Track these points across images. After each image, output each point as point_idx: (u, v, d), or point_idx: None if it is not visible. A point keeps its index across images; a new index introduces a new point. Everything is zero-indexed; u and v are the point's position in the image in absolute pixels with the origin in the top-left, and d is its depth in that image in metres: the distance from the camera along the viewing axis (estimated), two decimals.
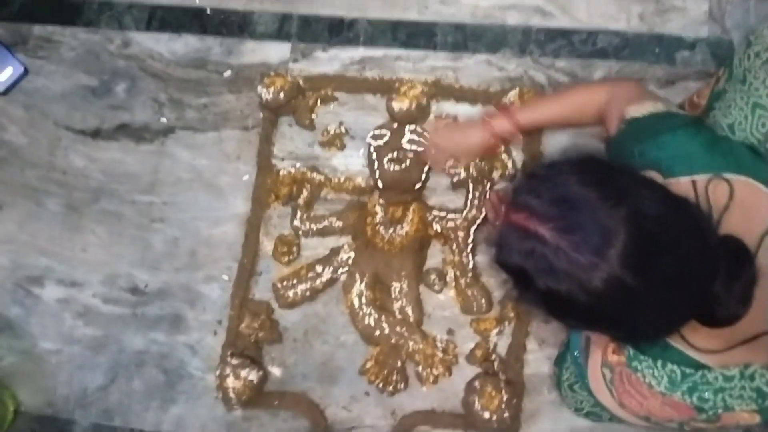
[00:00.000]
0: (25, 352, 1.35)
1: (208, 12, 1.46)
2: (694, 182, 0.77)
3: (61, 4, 1.49)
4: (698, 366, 0.74)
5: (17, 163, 1.43)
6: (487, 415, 1.16)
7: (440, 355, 1.23)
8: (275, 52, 1.42)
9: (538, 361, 1.23)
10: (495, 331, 1.24)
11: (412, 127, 1.30)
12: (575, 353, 0.95)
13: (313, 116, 1.37)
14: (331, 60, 1.40)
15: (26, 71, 1.47)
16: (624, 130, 0.91)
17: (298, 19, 1.43)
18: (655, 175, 0.74)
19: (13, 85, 1.46)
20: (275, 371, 1.28)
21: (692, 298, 0.67)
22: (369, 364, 1.25)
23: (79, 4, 1.49)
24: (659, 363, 0.76)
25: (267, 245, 1.33)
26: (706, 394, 0.74)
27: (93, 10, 1.48)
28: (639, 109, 0.90)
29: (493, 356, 1.23)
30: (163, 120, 1.41)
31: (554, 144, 1.28)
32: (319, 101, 1.37)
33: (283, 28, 1.43)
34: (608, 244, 0.61)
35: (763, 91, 0.89)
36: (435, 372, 1.24)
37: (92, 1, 1.49)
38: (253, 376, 1.23)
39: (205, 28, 1.45)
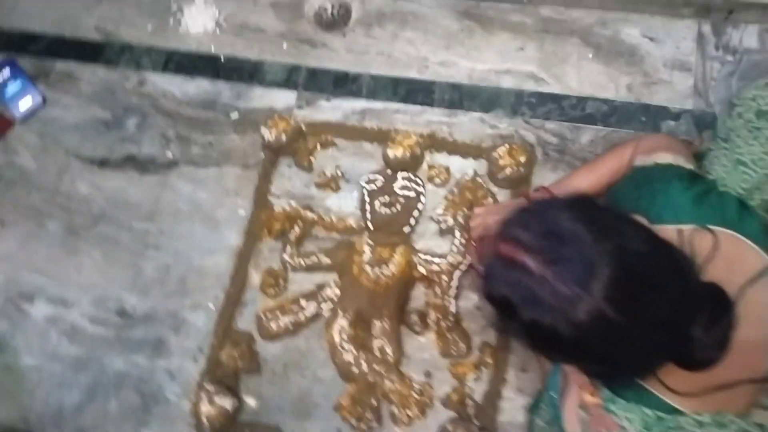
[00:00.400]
0: (6, 367, 1.36)
1: (222, 59, 1.56)
2: (679, 231, 0.80)
3: (85, 45, 1.61)
4: (672, 410, 0.75)
5: (24, 186, 1.50)
6: None
7: (416, 396, 1.24)
8: (282, 98, 1.51)
9: (513, 409, 1.23)
10: (472, 376, 1.24)
11: (405, 174, 1.37)
12: (552, 393, 0.95)
13: (312, 159, 1.44)
14: (333, 109, 1.48)
15: (44, 101, 1.56)
16: (628, 176, 0.96)
17: (305, 71, 1.53)
18: (642, 220, 0.76)
19: (31, 113, 1.56)
20: (251, 402, 1.28)
21: (671, 338, 0.69)
22: (344, 401, 1.25)
23: (102, 45, 1.60)
24: (633, 406, 0.77)
25: (255, 277, 1.36)
26: None
27: (114, 51, 1.59)
28: (646, 159, 0.96)
29: (469, 401, 1.23)
30: (169, 154, 1.49)
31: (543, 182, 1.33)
32: (318, 145, 1.44)
33: (291, 77, 1.52)
34: (592, 276, 0.63)
35: (744, 149, 0.94)
36: (410, 413, 1.23)
37: (114, 43, 1.60)
38: (228, 404, 1.23)
39: (217, 73, 1.55)
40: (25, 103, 1.55)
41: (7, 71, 1.57)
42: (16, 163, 1.52)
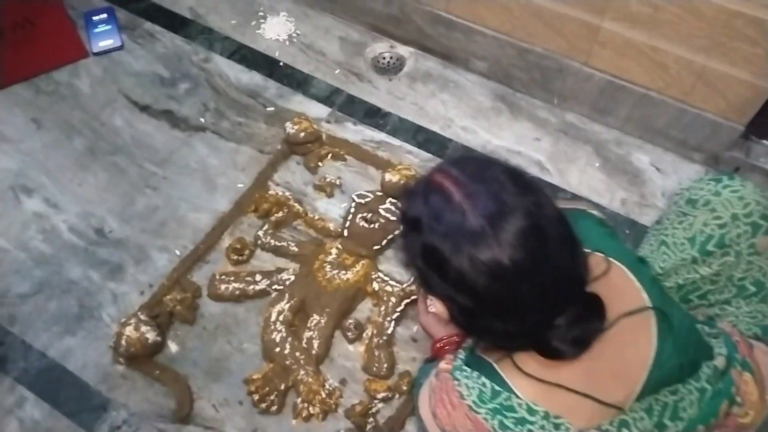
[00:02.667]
0: None
1: (281, 64, 1.74)
2: None
3: (175, 16, 1.83)
4: (510, 390, 0.77)
5: (71, 104, 1.66)
6: None
7: (323, 395, 1.24)
8: (316, 110, 1.65)
9: None
10: (383, 395, 1.24)
11: (395, 201, 1.45)
12: (421, 375, 0.96)
13: (320, 164, 1.55)
14: (356, 132, 1.61)
15: (122, 47, 1.76)
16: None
17: (346, 96, 1.68)
18: None
19: (106, 52, 1.75)
20: (173, 347, 1.31)
21: (539, 315, 0.72)
22: (256, 376, 1.26)
23: (189, 21, 1.82)
24: (475, 375, 0.79)
25: (227, 242, 1.43)
26: (507, 422, 0.75)
27: (197, 30, 1.80)
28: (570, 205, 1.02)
29: (371, 419, 1.23)
30: (202, 120, 1.63)
31: None
32: (330, 155, 1.56)
33: (331, 97, 1.68)
34: (504, 220, 0.67)
35: (670, 231, 1.01)
36: (311, 410, 1.23)
37: (199, 24, 1.82)
38: (150, 336, 1.27)
39: (272, 73, 1.72)
40: (106, 43, 1.75)
41: (104, 15, 1.79)
42: (74, 84, 1.69)
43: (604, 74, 1.49)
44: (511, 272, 0.68)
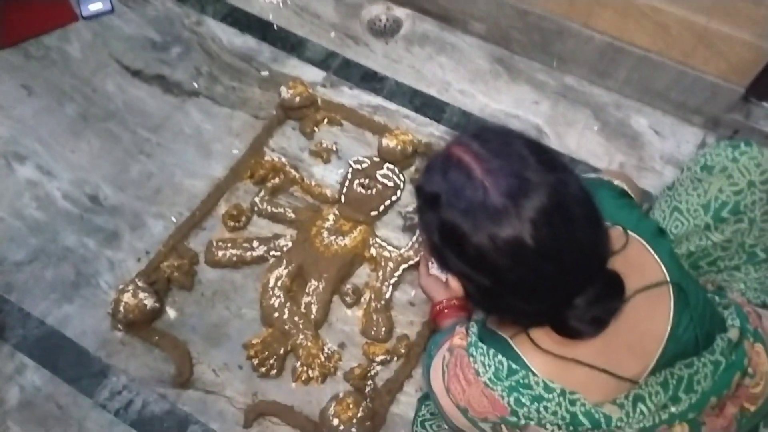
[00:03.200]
0: None
1: (275, 27, 1.70)
2: None
3: None
4: (526, 368, 0.77)
5: (62, 69, 1.63)
6: (336, 422, 1.14)
7: (322, 359, 1.25)
8: (311, 74, 1.63)
9: (408, 404, 1.22)
10: (381, 358, 1.25)
11: (392, 166, 1.44)
12: (432, 347, 0.96)
13: (316, 129, 1.53)
14: (352, 97, 1.59)
15: (112, 10, 1.72)
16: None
17: (341, 59, 1.65)
18: None
19: (96, 15, 1.71)
20: (171, 313, 1.32)
21: (558, 295, 0.71)
22: (255, 341, 1.27)
23: None
24: (492, 352, 0.78)
25: (223, 209, 1.42)
26: (524, 399, 0.75)
27: None
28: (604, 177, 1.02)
29: (369, 382, 1.24)
30: (195, 85, 1.61)
31: None
32: (326, 120, 1.54)
33: (326, 60, 1.65)
34: (526, 197, 0.65)
35: (684, 197, 1.00)
36: (310, 373, 1.24)
37: None
38: (149, 302, 1.27)
39: (265, 36, 1.69)
40: (96, 7, 1.71)
41: None
42: (64, 49, 1.66)
43: (604, 36, 1.46)
44: (533, 252, 0.65)
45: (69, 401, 1.23)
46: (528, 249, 0.65)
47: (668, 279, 0.80)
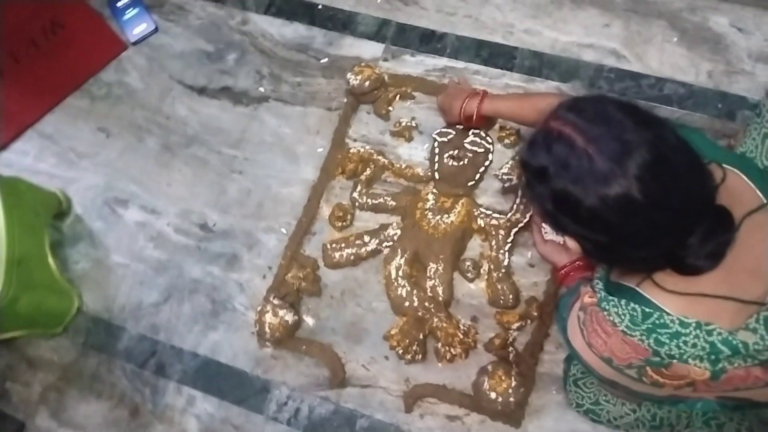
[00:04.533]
0: (98, 261, 1.52)
1: (320, 7, 1.66)
2: None
3: None
4: (659, 309, 0.81)
5: (130, 103, 1.65)
6: (493, 395, 1.23)
7: (461, 336, 1.32)
8: (369, 49, 1.60)
9: (552, 362, 1.29)
10: (516, 325, 1.31)
11: (477, 131, 1.44)
12: (562, 312, 1.02)
13: (390, 108, 1.52)
14: (416, 64, 1.56)
15: (156, 29, 1.71)
16: None
17: (395, 26, 1.61)
18: None
19: (143, 38, 1.70)
20: (309, 321, 1.40)
21: (672, 238, 0.76)
22: (393, 331, 1.34)
23: None
24: (623, 302, 0.83)
25: (325, 210, 1.47)
26: (663, 338, 0.79)
27: None
28: None
29: (510, 348, 1.31)
30: (261, 89, 1.60)
31: None
32: (398, 96, 1.53)
33: (380, 31, 1.61)
34: (629, 157, 0.72)
35: None
36: (453, 351, 1.32)
37: None
38: (289, 318, 1.35)
39: (313, 20, 1.66)
40: (140, 29, 1.70)
41: None
42: (125, 81, 1.67)
43: None
44: (643, 205, 0.72)
45: (243, 420, 1.36)
46: (638, 203, 0.72)
47: (765, 201, 0.84)
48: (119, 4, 1.73)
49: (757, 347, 0.78)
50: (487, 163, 1.43)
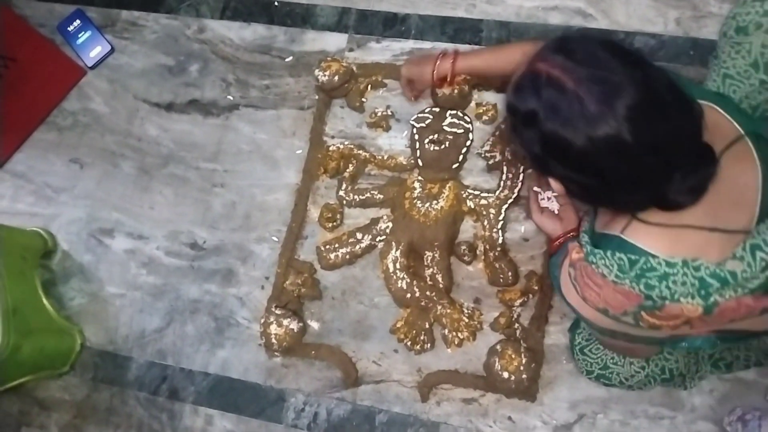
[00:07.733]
0: (93, 295, 1.50)
1: (276, 4, 1.62)
2: None
3: None
4: (645, 254, 0.83)
5: (99, 129, 1.61)
6: (506, 375, 1.25)
7: (466, 320, 1.33)
8: (333, 41, 1.57)
9: (558, 332, 1.31)
10: (519, 301, 1.32)
11: (454, 112, 1.42)
12: (554, 272, 1.04)
13: (363, 99, 1.50)
14: (383, 50, 1.54)
15: (113, 50, 1.66)
16: None
17: (355, 13, 1.58)
18: None
19: (100, 61, 1.66)
20: (314, 325, 1.40)
21: (657, 176, 0.78)
22: (399, 324, 1.35)
23: None
24: (609, 253, 0.84)
25: (314, 212, 1.46)
26: (652, 281, 0.81)
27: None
28: None
29: (516, 325, 1.32)
30: (229, 98, 1.57)
31: None
32: (369, 86, 1.51)
33: (341, 20, 1.58)
34: (618, 97, 0.72)
35: (729, 63, 1.02)
36: (460, 336, 1.33)
37: None
38: (294, 325, 1.35)
39: (272, 18, 1.62)
40: (95, 52, 1.65)
41: (77, 22, 1.67)
42: (90, 108, 1.63)
43: None
44: (633, 146, 0.73)
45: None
46: (628, 145, 0.73)
47: (743, 132, 0.86)
48: (70, 28, 1.67)
49: (745, 275, 0.79)
50: (468, 143, 1.41)
